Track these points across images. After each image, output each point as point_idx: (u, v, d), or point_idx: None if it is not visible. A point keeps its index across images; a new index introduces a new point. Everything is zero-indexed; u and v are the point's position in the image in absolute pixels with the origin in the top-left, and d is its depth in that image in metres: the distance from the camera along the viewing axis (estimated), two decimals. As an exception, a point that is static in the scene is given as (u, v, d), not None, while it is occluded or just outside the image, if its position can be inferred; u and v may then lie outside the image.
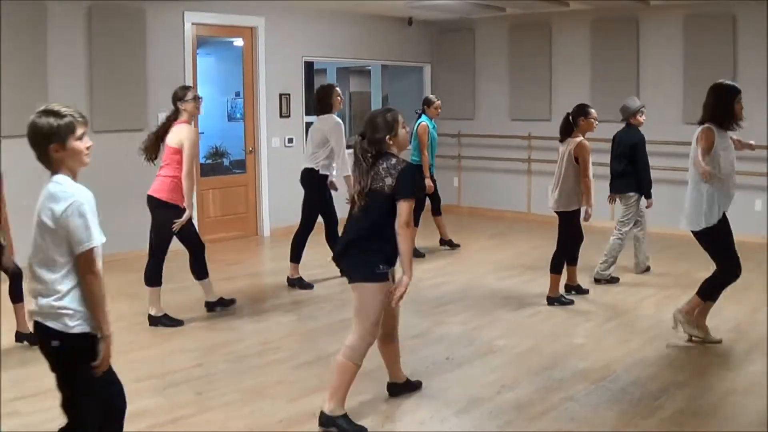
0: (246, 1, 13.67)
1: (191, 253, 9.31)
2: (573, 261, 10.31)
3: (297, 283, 10.85)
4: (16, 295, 8.17)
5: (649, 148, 11.02)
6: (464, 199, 17.11)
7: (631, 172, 10.71)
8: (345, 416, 6.24)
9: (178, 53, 13.05)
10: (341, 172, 10.47)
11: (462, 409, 6.68)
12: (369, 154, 6.23)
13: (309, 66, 16.26)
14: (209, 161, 16.67)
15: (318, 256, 12.10)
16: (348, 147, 17.81)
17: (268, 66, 14.32)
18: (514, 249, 13.41)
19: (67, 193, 4.46)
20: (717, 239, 8.01)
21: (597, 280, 10.95)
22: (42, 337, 4.55)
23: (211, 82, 17.36)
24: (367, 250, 6.18)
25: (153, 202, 9.00)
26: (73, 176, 4.60)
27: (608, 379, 7.28)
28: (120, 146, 11.79)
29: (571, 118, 9.92)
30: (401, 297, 6.15)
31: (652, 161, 11.17)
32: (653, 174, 11.08)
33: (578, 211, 9.85)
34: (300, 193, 10.79)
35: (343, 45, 15.89)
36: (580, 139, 9.77)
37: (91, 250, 4.49)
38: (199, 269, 9.37)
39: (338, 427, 6.19)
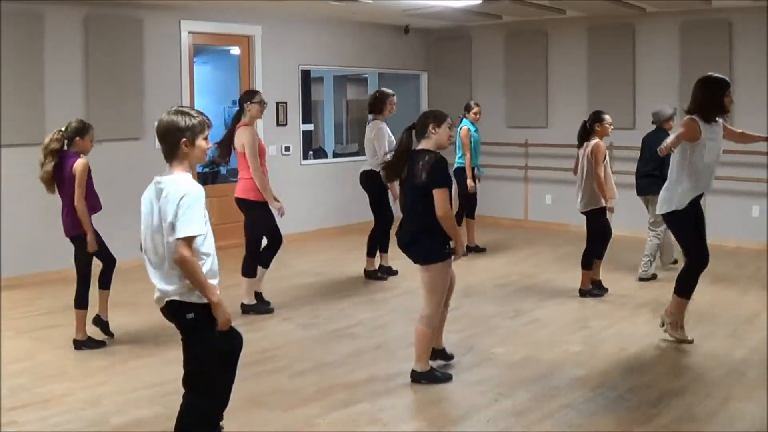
0: (243, 10, 13.68)
1: (268, 244, 10.03)
2: (599, 256, 10.79)
3: (372, 275, 11.74)
4: (104, 282, 8.84)
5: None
6: (461, 206, 17.09)
7: (658, 173, 10.86)
8: (432, 370, 7.44)
9: (175, 62, 13.08)
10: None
11: (460, 416, 6.69)
12: (410, 148, 7.25)
13: (306, 74, 16.27)
14: (206, 170, 16.63)
15: (316, 263, 12.15)
16: (346, 155, 17.77)
17: (264, 74, 14.33)
18: (511, 256, 13.41)
19: (183, 187, 5.05)
20: (684, 224, 8.28)
21: (641, 279, 11.48)
22: (177, 313, 5.23)
23: (208, 91, 17.36)
24: (433, 237, 7.09)
25: (243, 203, 9.87)
26: (192, 171, 5.35)
27: (605, 386, 7.28)
28: (117, 155, 11.83)
29: (587, 124, 10.37)
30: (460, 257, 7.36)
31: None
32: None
33: (603, 209, 10.41)
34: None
35: (339, 53, 15.92)
36: (595, 140, 10.26)
37: (188, 238, 4.99)
38: (266, 259, 10.07)
39: (429, 379, 7.35)
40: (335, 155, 19.75)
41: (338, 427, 6.43)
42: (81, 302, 8.46)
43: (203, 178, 14.56)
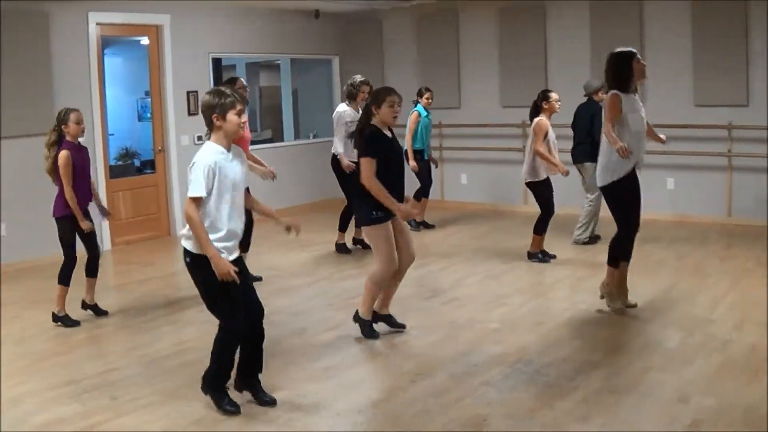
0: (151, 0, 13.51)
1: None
2: (540, 231, 11.31)
3: (341, 248, 12.54)
4: (89, 270, 9.34)
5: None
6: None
7: (588, 141, 11.27)
8: (369, 323, 8.20)
9: (84, 54, 12.81)
10: (336, 149, 12.17)
11: (379, 399, 6.69)
12: (361, 124, 8.05)
13: (217, 62, 16.13)
14: (119, 162, 16.39)
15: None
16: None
17: (174, 64, 14.15)
18: (427, 237, 13.47)
19: (197, 156, 6.12)
20: (619, 196, 8.57)
21: (576, 243, 12.27)
22: (184, 254, 6.26)
23: (119, 83, 17.14)
24: (362, 202, 7.87)
25: None
26: (228, 141, 6.21)
27: (524, 362, 7.32)
28: (28, 151, 11.58)
29: (536, 103, 11.15)
30: (405, 218, 8.01)
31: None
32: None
33: (543, 183, 11.13)
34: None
35: (250, 40, 15.78)
36: (539, 118, 10.99)
37: (191, 198, 6.00)
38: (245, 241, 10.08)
39: (362, 325, 8.20)
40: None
41: (259, 415, 6.39)
42: (61, 278, 9.06)
43: (116, 171, 14.32)
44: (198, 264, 6.16)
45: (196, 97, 14.36)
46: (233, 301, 6.26)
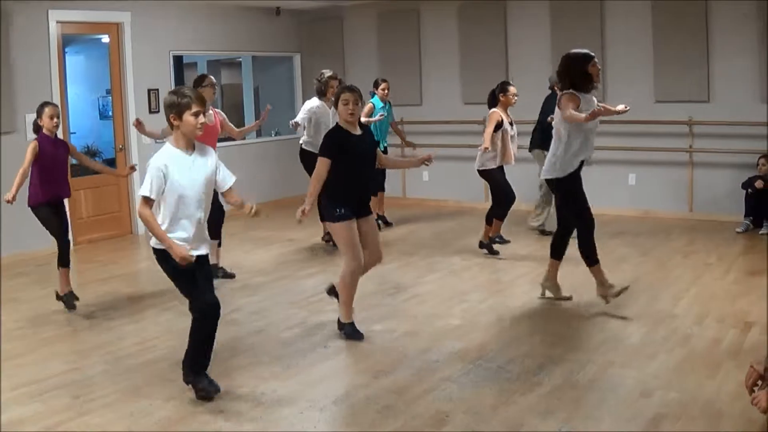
0: (110, -3, 13.44)
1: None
2: (500, 216, 11.58)
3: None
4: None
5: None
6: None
7: (546, 130, 11.45)
8: (351, 324, 8.15)
9: (45, 53, 12.70)
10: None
11: (340, 396, 6.66)
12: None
13: (178, 60, 16.06)
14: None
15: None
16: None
17: (135, 62, 14.06)
18: (389, 234, 13.45)
19: (154, 155, 6.31)
20: (570, 189, 8.61)
21: (531, 227, 12.78)
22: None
23: (82, 81, 17.07)
24: (326, 199, 7.91)
25: None
26: (187, 140, 6.34)
27: (485, 358, 7.34)
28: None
29: (494, 93, 11.35)
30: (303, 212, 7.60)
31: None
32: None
33: (492, 171, 11.32)
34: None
35: (211, 37, 15.73)
36: (493, 109, 11.22)
37: (142, 197, 6.20)
38: (214, 232, 10.01)
39: (345, 332, 8.12)
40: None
41: (222, 412, 6.37)
42: (58, 261, 9.37)
43: (78, 169, 14.17)
44: (160, 258, 6.42)
45: (157, 95, 14.30)
46: (197, 282, 6.44)
